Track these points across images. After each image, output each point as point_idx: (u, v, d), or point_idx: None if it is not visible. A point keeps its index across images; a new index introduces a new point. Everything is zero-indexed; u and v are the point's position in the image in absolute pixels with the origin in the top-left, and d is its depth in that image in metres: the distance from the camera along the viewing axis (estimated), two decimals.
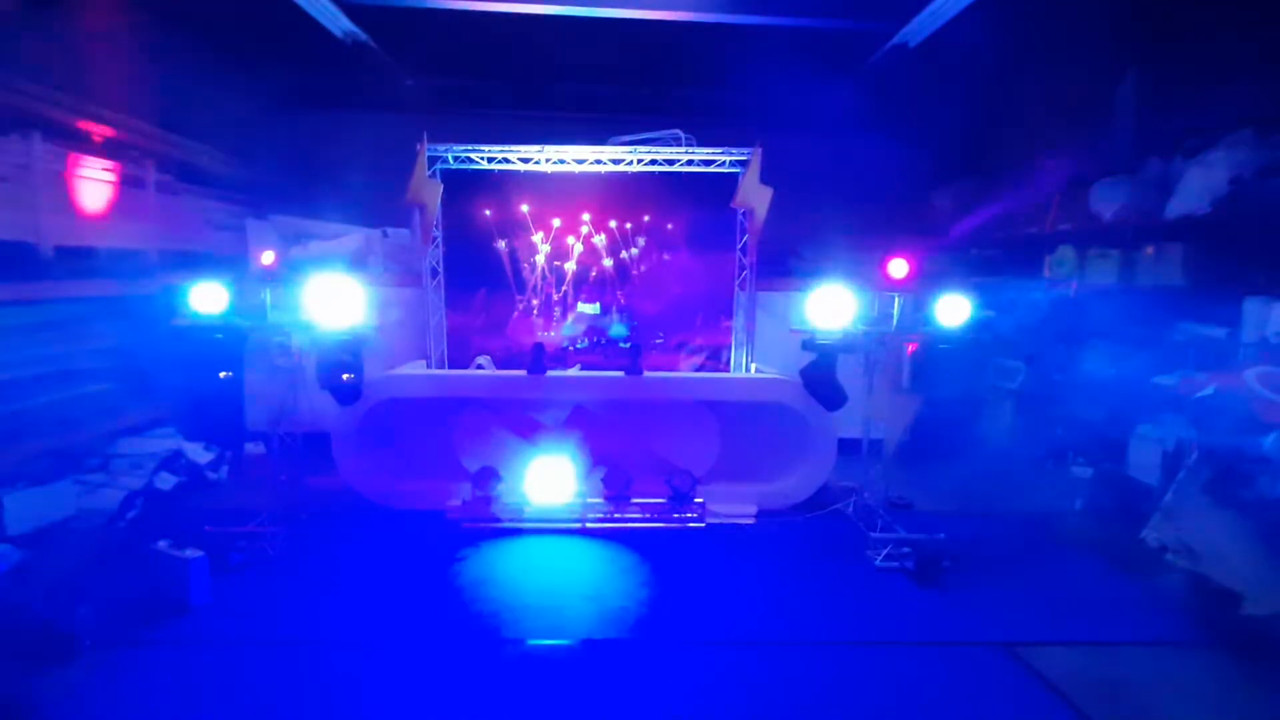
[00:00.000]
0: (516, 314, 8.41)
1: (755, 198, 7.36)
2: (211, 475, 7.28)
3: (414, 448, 6.93)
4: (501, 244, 8.29)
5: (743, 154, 7.50)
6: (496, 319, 8.30)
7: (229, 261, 8.32)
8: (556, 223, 8.29)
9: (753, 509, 6.60)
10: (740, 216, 7.80)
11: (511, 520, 6.37)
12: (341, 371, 5.92)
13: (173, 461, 7.02)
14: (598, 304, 8.49)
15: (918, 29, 7.14)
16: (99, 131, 6.55)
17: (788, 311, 7.77)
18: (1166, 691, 4.11)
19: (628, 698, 4.00)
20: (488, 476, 6.44)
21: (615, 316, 8.47)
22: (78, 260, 6.35)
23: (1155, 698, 4.06)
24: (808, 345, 6.30)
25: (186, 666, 4.23)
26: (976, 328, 6.12)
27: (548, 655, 4.42)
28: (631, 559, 5.78)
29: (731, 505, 6.59)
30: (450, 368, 7.95)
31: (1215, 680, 4.20)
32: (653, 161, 7.64)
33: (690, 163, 7.64)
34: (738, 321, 8.10)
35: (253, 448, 7.97)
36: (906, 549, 5.59)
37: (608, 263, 8.47)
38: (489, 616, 4.84)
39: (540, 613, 4.90)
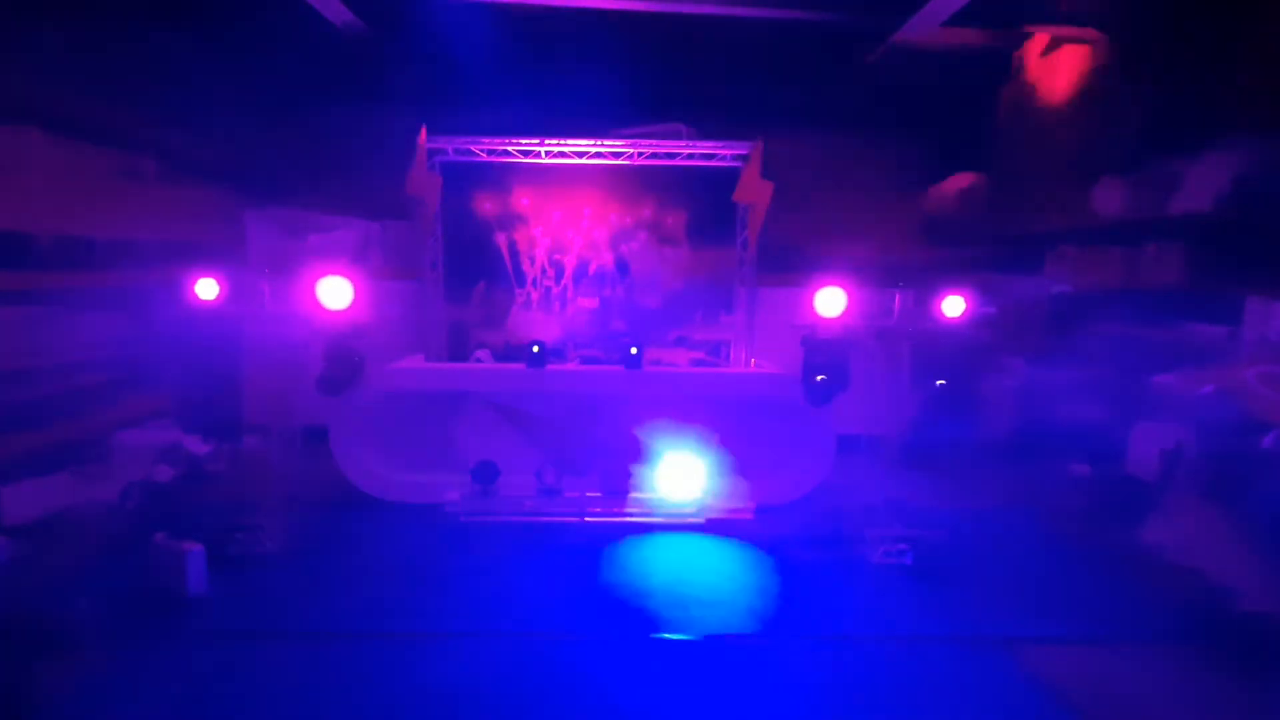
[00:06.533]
0: (516, 307, 8.39)
1: (756, 192, 7.33)
2: (210, 467, 7.28)
3: (412, 441, 6.91)
4: (501, 237, 8.26)
5: (744, 148, 7.46)
6: (496, 312, 8.27)
7: (227, 253, 8.29)
8: (556, 216, 8.26)
9: (751, 504, 6.59)
10: (741, 211, 7.77)
11: (510, 514, 6.37)
12: (340, 364, 5.90)
13: (171, 454, 7.01)
14: (597, 298, 8.46)
15: (920, 23, 7.12)
16: (97, 121, 6.51)
17: (788, 307, 7.74)
18: (1164, 689, 4.12)
19: (617, 693, 4.01)
20: (486, 470, 6.43)
21: (615, 310, 8.44)
22: (75, 251, 6.32)
23: (1152, 696, 4.07)
24: (808, 341, 6.28)
25: (184, 659, 4.23)
26: (976, 324, 6.10)
27: (544, 650, 4.42)
28: (630, 554, 5.79)
29: (730, 501, 6.59)
30: (449, 361, 7.93)
31: (1213, 679, 4.20)
32: (653, 155, 7.61)
33: (691, 156, 7.60)
34: (738, 317, 8.08)
35: (251, 440, 7.97)
36: (904, 545, 5.59)
37: (608, 256, 8.44)
38: (486, 609, 4.84)
39: (538, 607, 4.90)
